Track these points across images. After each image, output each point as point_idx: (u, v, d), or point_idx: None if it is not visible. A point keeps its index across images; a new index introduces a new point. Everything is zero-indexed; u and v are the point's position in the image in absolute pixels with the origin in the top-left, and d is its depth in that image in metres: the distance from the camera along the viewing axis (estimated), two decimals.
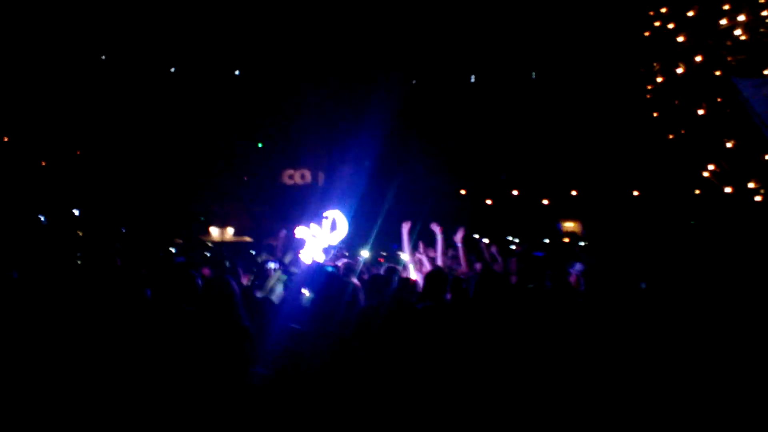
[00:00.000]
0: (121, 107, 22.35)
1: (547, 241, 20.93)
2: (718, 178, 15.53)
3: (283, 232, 9.04)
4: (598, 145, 24.98)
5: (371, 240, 9.76)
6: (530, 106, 25.77)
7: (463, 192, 27.27)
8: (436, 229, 7.05)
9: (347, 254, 8.98)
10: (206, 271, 7.14)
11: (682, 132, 15.88)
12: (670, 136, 16.35)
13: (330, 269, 4.81)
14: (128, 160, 22.49)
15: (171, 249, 12.54)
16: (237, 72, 24.70)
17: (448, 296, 4.76)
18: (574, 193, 22.06)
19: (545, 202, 24.12)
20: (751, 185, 15.24)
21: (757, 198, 15.06)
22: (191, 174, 22.97)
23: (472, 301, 4.06)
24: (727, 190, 15.54)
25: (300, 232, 7.67)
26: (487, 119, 26.24)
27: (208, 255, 11.73)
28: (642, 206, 19.41)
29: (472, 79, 27.54)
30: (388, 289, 4.79)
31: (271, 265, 7.54)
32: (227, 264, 7.86)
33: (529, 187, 25.20)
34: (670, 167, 19.08)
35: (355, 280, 5.74)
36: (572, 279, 6.56)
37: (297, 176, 20.48)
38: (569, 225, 20.38)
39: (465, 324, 3.74)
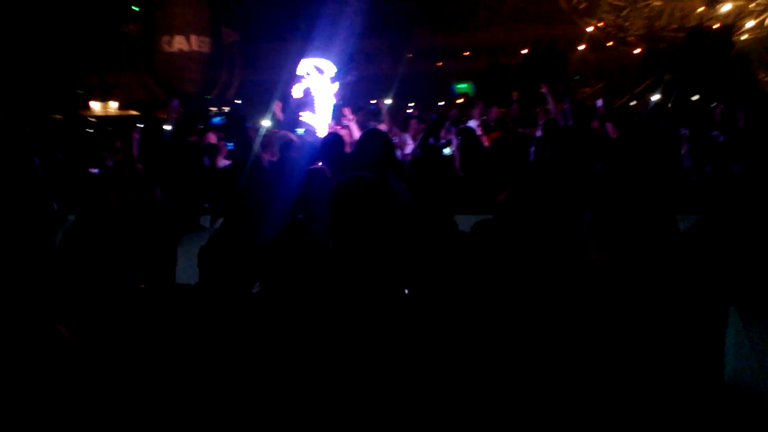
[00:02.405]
0: None
1: (442, 103, 21.12)
2: None
3: (176, 103, 8.34)
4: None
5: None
6: None
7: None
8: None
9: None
10: None
11: None
12: None
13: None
14: None
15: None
16: None
17: None
18: (466, 54, 22.28)
19: (439, 63, 24.10)
20: None
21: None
22: (61, 41, 20.76)
23: None
24: None
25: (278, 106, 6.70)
26: None
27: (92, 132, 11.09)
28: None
29: None
30: None
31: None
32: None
33: (424, 50, 24.91)
34: None
35: None
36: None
37: (178, 42, 18.74)
38: (462, 86, 20.65)
39: None
